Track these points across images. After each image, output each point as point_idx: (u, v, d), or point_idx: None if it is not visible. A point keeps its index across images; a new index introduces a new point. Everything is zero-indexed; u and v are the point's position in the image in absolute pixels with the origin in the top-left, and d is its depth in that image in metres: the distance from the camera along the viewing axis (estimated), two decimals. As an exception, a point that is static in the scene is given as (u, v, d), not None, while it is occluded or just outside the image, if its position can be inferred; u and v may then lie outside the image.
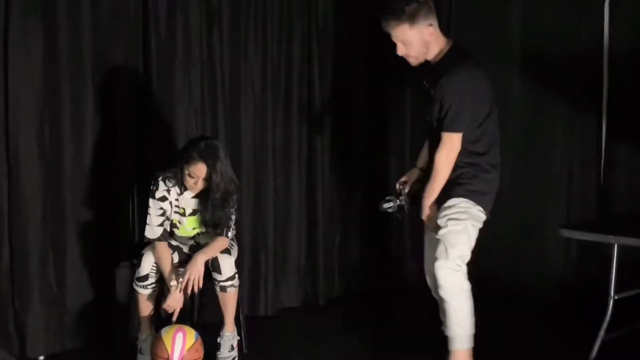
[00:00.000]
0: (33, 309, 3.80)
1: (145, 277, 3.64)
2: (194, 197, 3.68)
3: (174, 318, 3.59)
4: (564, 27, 4.61)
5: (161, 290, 3.69)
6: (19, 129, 3.71)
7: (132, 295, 3.79)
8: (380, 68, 5.01)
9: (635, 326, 3.81)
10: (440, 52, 3.35)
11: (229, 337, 3.75)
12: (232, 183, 3.62)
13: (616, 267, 3.60)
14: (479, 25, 4.89)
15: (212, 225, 3.68)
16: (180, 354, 3.47)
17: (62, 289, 3.91)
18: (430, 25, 3.27)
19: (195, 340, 3.54)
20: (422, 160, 3.65)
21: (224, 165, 3.56)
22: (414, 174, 3.67)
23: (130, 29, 4.07)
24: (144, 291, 3.67)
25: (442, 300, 3.39)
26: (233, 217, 3.70)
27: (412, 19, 3.22)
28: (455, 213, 3.32)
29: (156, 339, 3.51)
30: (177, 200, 3.68)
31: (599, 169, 4.63)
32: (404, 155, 5.17)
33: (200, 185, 3.58)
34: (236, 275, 3.69)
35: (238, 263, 3.77)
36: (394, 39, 3.31)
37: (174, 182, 3.64)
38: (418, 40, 3.27)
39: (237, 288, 3.71)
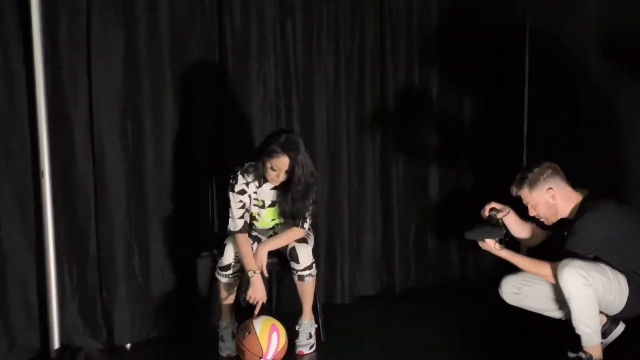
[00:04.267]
0: (119, 299, 3.95)
1: (228, 267, 3.73)
2: (273, 188, 3.75)
3: (257, 311, 3.66)
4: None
5: (242, 280, 3.77)
6: (103, 127, 3.85)
7: (214, 284, 3.90)
8: (452, 57, 5.00)
9: None
10: (574, 208, 3.48)
11: (307, 325, 3.83)
12: (312, 175, 3.68)
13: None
14: (556, 10, 4.80)
15: (290, 216, 3.75)
16: (274, 354, 3.55)
17: (146, 279, 4.04)
18: (550, 189, 3.46)
19: (286, 340, 3.62)
20: (524, 227, 3.71)
21: (304, 157, 3.62)
22: (510, 214, 3.67)
23: (206, 26, 4.17)
24: (226, 280, 3.76)
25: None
26: (310, 208, 3.76)
27: (531, 184, 3.48)
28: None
29: (250, 336, 3.53)
30: (255, 193, 3.75)
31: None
32: (478, 142, 5.14)
33: (282, 177, 3.64)
34: (314, 265, 3.75)
35: (314, 252, 3.82)
36: (524, 202, 3.55)
37: (252, 175, 3.72)
38: (542, 203, 3.50)
39: (314, 277, 3.77)
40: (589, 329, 3.33)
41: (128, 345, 3.97)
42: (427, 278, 5.06)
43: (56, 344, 3.68)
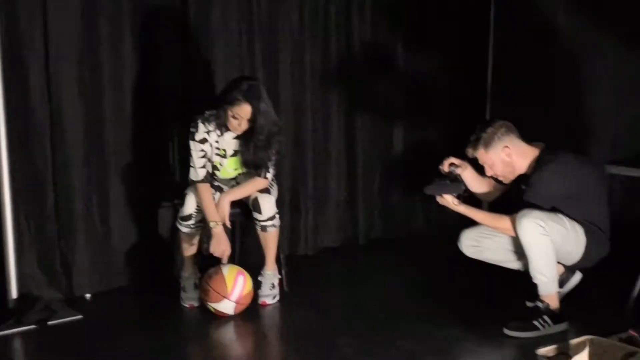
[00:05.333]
0: (78, 249, 3.90)
1: (189, 217, 3.69)
2: (235, 138, 3.69)
3: (224, 260, 3.64)
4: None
5: (204, 230, 3.74)
6: (60, 72, 3.75)
7: (175, 235, 3.86)
8: (417, 12, 4.98)
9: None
10: (531, 163, 3.45)
11: (270, 275, 3.81)
12: (275, 124, 3.62)
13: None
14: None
15: (253, 166, 3.70)
16: (239, 296, 3.55)
17: (106, 229, 3.99)
18: (506, 147, 3.43)
19: (252, 289, 3.62)
20: (482, 182, 3.68)
21: (267, 106, 3.56)
22: (467, 169, 3.64)
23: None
24: (187, 230, 3.72)
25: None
26: (273, 158, 3.71)
27: (486, 144, 3.44)
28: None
29: (216, 274, 3.55)
30: (217, 142, 3.69)
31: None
32: (442, 96, 5.12)
33: (244, 126, 3.57)
34: (277, 215, 3.72)
35: (278, 203, 3.80)
36: (480, 163, 3.51)
37: (214, 124, 3.65)
38: (498, 162, 3.46)
39: (277, 228, 3.74)
40: (545, 278, 3.37)
41: (88, 296, 3.94)
42: (390, 230, 5.08)
43: (14, 293, 3.62)
